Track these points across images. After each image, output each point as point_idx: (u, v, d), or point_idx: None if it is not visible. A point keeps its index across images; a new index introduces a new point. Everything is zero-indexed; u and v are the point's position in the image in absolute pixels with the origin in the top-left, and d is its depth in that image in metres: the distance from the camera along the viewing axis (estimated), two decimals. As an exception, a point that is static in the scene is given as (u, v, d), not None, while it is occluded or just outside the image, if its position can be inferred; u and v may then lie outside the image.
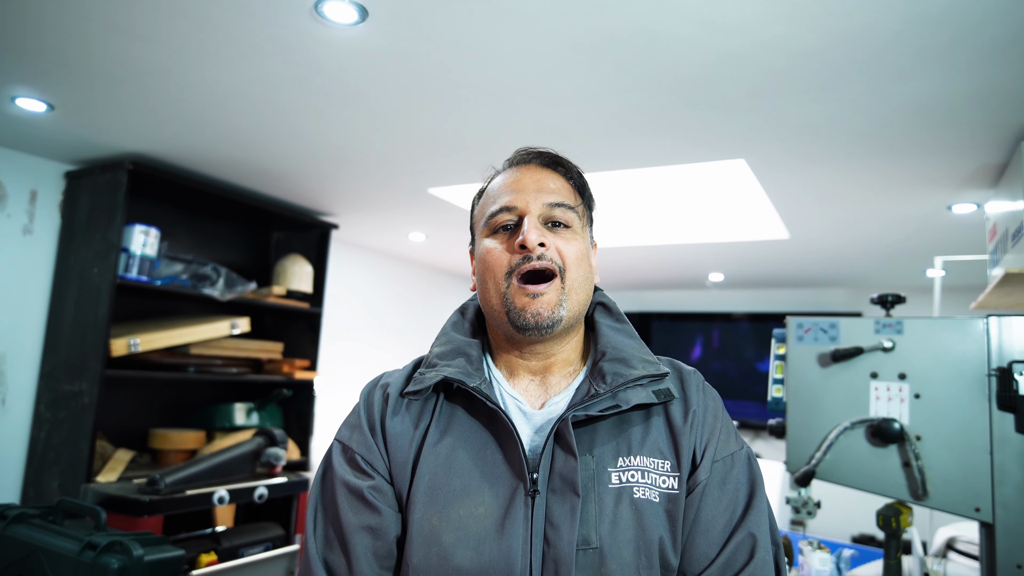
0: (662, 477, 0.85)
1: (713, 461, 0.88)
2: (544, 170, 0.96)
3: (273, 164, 2.89)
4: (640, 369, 0.89)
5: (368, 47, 1.82)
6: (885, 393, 1.79)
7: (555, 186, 0.94)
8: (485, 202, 0.97)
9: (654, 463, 0.86)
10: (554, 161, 0.97)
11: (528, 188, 0.92)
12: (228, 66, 1.97)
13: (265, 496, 2.48)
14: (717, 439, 0.89)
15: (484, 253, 0.93)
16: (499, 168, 1.01)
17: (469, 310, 1.03)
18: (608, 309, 1.01)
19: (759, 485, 0.89)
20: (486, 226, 0.94)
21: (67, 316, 2.84)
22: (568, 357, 0.95)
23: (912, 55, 1.71)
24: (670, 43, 1.72)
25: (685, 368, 0.97)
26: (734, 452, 0.90)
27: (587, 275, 0.93)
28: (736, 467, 0.89)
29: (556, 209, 0.91)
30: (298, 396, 3.61)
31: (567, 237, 0.91)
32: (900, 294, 1.90)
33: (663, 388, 0.89)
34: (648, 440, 0.87)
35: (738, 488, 0.87)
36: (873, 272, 4.71)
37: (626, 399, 0.86)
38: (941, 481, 1.68)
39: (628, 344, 0.94)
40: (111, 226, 2.77)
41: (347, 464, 0.89)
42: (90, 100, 2.27)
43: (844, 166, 2.58)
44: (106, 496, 2.16)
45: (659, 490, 0.84)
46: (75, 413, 2.69)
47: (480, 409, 0.89)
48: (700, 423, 0.89)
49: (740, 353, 5.88)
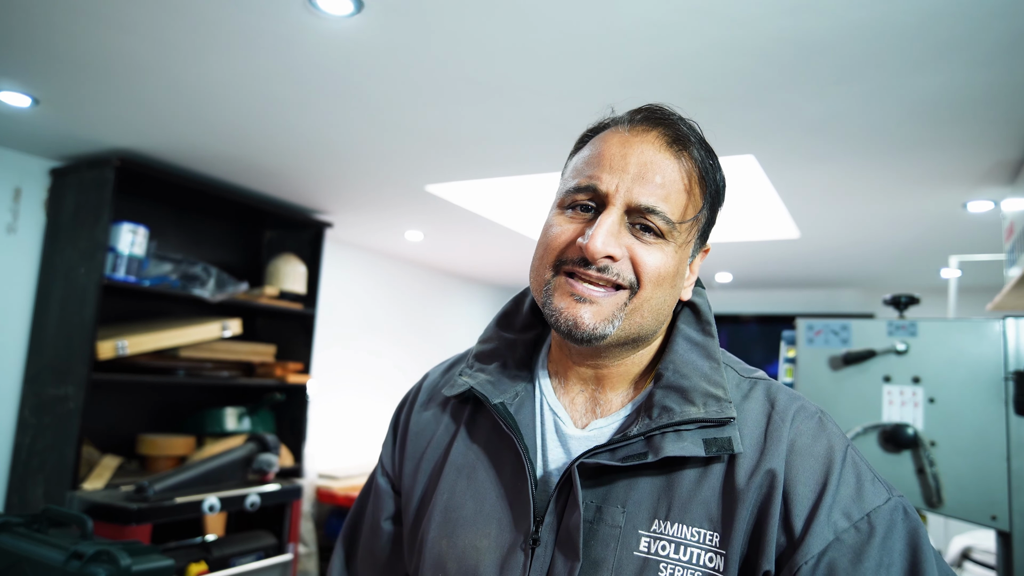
0: (707, 553, 0.67)
1: (833, 535, 0.64)
2: (661, 151, 0.74)
3: (265, 161, 2.89)
4: (698, 407, 0.71)
5: (364, 39, 1.82)
6: (898, 397, 1.79)
7: (664, 179, 0.73)
8: (574, 165, 0.78)
9: (697, 534, 0.68)
10: (680, 139, 0.75)
11: (628, 169, 0.73)
12: (219, 59, 1.97)
13: (257, 504, 2.48)
14: (829, 507, 0.65)
15: (547, 226, 0.77)
16: (615, 115, 0.80)
17: (528, 297, 0.89)
18: (696, 314, 0.81)
19: (925, 556, 0.64)
20: (563, 196, 0.76)
21: (52, 318, 2.84)
22: (628, 371, 0.79)
23: (926, 48, 1.72)
24: (675, 35, 1.72)
25: (784, 407, 0.73)
26: (870, 512, 0.65)
27: (666, 297, 0.75)
28: (879, 533, 0.64)
29: (650, 216, 0.72)
30: (291, 400, 3.61)
31: (654, 247, 0.73)
32: (914, 295, 1.90)
33: (721, 438, 0.69)
34: (695, 503, 0.69)
35: (889, 565, 0.63)
36: (886, 272, 4.70)
37: (657, 448, 0.69)
38: (956, 488, 1.68)
39: (698, 368, 0.75)
40: (98, 225, 2.77)
41: (379, 475, 0.94)
42: (76, 94, 2.27)
43: (856, 162, 2.58)
44: (93, 504, 2.16)
45: (698, 569, 0.67)
46: (60, 418, 2.69)
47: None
48: (780, 489, 0.67)
49: (748, 356, 5.84)
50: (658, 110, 0.78)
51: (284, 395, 3.46)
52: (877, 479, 0.69)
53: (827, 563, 0.63)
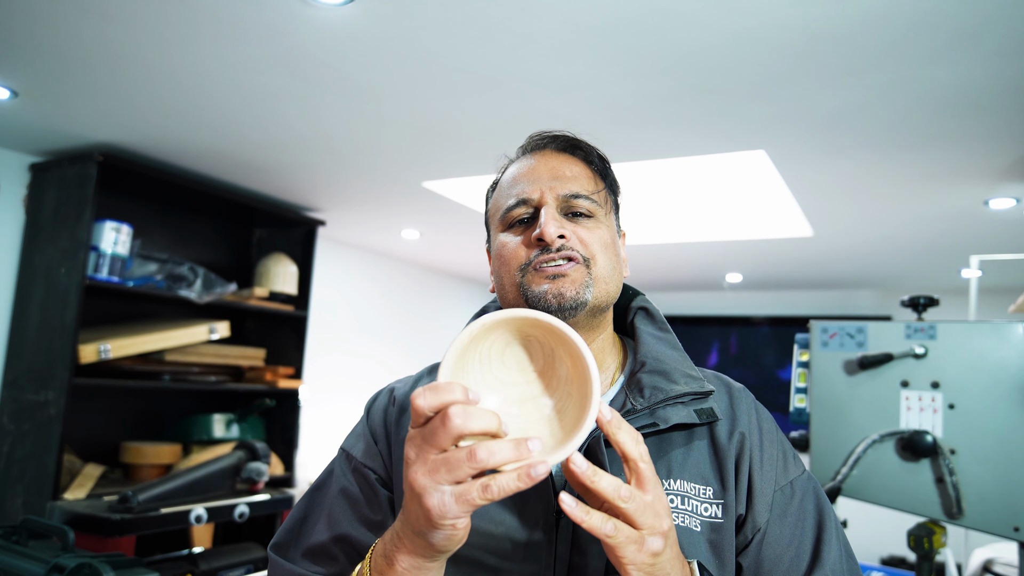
0: (704, 504, 0.84)
1: (773, 491, 0.86)
2: (561, 155, 0.94)
3: (255, 155, 2.89)
4: (682, 385, 0.88)
5: (357, 28, 1.82)
6: (917, 403, 1.79)
7: (573, 173, 0.92)
8: (499, 195, 0.96)
9: (695, 489, 0.85)
10: (571, 144, 0.96)
11: (543, 177, 0.91)
12: (207, 49, 1.97)
13: (246, 515, 2.48)
14: (774, 466, 0.88)
15: (499, 248, 0.92)
16: (512, 156, 1.00)
17: (490, 311, 1.02)
18: (650, 315, 1.00)
19: (827, 514, 0.88)
20: (501, 220, 0.93)
21: (32, 320, 2.84)
22: (598, 359, 0.93)
23: (946, 38, 1.72)
24: (683, 24, 1.72)
25: (735, 385, 0.96)
26: (793, 479, 0.89)
27: (615, 265, 0.91)
28: (797, 495, 0.87)
29: (576, 200, 0.90)
30: (282, 406, 3.61)
31: (590, 226, 0.90)
32: (933, 296, 1.90)
33: (706, 407, 0.88)
34: (689, 463, 0.86)
35: (802, 520, 0.86)
36: (904, 272, 4.71)
37: (665, 418, 0.85)
38: (977, 498, 1.68)
39: (671, 356, 0.93)
40: (79, 223, 2.77)
41: (350, 473, 0.93)
42: (57, 86, 2.27)
43: (872, 158, 2.58)
44: (74, 515, 2.16)
45: (700, 518, 0.83)
46: (40, 425, 2.70)
47: None
48: (749, 448, 0.88)
49: (760, 360, 5.88)
50: (545, 133, 0.98)
51: (274, 401, 3.46)
52: (794, 455, 0.93)
53: (766, 517, 0.86)
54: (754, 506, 0.86)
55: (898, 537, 3.90)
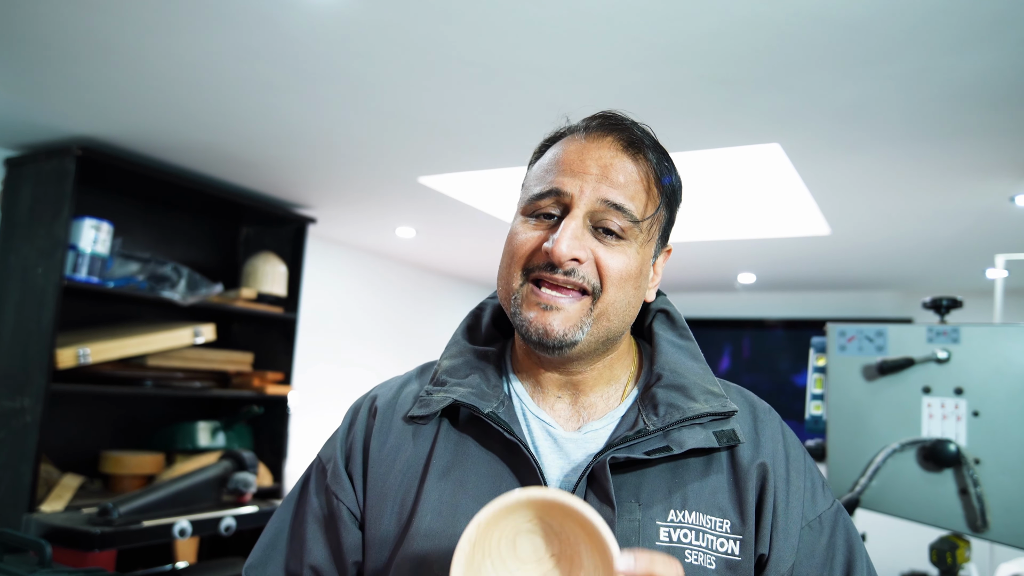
0: (720, 539, 0.80)
1: (800, 529, 0.83)
2: (621, 153, 0.86)
3: (242, 150, 2.90)
4: (702, 403, 0.83)
5: (350, 16, 1.82)
6: (939, 410, 1.79)
7: (626, 179, 0.84)
8: (535, 172, 0.90)
9: (711, 522, 0.81)
10: (635, 142, 0.87)
11: (590, 170, 0.84)
12: (191, 38, 1.97)
13: (232, 528, 2.48)
14: (801, 501, 0.84)
15: (512, 233, 0.87)
16: (571, 124, 0.92)
17: (487, 310, 1.00)
18: (671, 320, 0.95)
19: (857, 551, 0.85)
20: (527, 202, 0.87)
21: (7, 323, 2.84)
22: (603, 376, 0.89)
23: (970, 26, 1.72)
24: (693, 12, 1.73)
25: (760, 404, 0.92)
26: (822, 513, 0.85)
27: (631, 299, 0.85)
28: (826, 532, 0.84)
29: (614, 212, 0.83)
30: (270, 414, 3.61)
31: (616, 249, 0.83)
32: (956, 297, 1.91)
33: (727, 430, 0.83)
34: (705, 493, 0.82)
35: (830, 559, 0.83)
36: (925, 273, 4.71)
37: (680, 441, 0.81)
38: (1003, 511, 1.68)
39: (690, 368, 0.88)
40: (57, 220, 2.77)
41: (323, 493, 0.92)
42: (33, 76, 2.28)
43: (892, 152, 2.58)
44: (52, 528, 2.17)
45: (715, 555, 0.80)
46: (16, 433, 2.70)
47: (496, 437, 0.85)
48: (774, 479, 0.83)
49: (774, 364, 5.88)
50: (612, 116, 0.90)
51: (262, 408, 3.46)
52: (822, 485, 0.89)
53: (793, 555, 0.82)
54: (777, 546, 0.82)
55: (920, 552, 3.89)
